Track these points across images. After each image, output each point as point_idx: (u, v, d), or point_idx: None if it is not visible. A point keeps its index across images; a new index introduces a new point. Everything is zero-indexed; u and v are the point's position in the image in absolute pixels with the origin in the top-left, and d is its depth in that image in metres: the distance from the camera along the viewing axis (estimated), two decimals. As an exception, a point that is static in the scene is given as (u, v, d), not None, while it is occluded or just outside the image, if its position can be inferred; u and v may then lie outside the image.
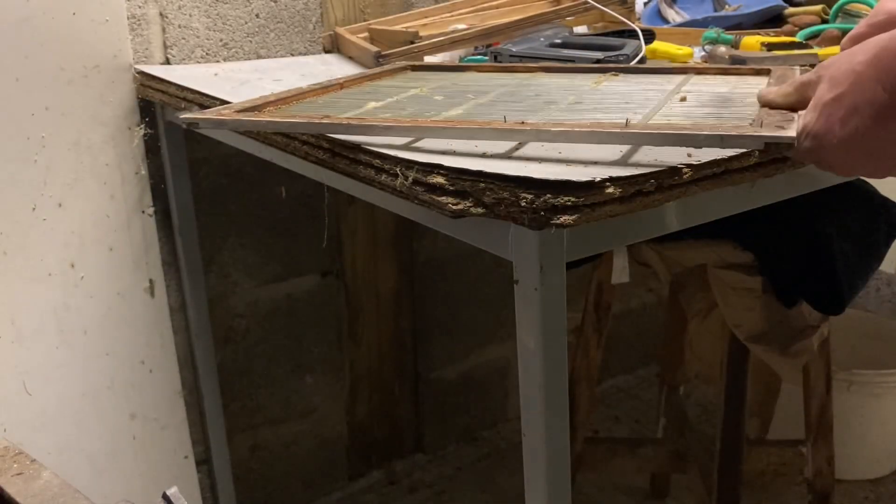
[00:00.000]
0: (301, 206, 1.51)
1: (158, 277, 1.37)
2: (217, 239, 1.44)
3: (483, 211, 0.64)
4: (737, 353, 1.29)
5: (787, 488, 1.72)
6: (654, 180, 0.64)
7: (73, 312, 1.29)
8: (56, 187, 1.23)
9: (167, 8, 1.28)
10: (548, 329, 0.67)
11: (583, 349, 1.45)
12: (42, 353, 1.27)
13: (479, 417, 1.93)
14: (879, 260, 1.28)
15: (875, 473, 1.78)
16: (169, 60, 1.30)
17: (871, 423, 1.72)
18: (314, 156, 0.82)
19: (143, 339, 1.37)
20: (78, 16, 1.20)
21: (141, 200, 1.32)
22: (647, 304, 2.14)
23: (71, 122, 1.23)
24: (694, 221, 0.77)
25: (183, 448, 1.46)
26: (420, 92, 0.94)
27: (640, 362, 2.18)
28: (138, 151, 1.30)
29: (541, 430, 0.70)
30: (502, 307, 1.85)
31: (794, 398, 1.47)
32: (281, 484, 1.65)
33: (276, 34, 1.39)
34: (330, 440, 1.70)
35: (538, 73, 1.06)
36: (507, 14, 1.34)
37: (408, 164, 0.69)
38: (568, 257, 0.67)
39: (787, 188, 0.82)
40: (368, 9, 1.45)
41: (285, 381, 1.60)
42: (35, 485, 1.00)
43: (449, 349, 1.82)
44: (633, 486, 1.75)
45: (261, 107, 0.85)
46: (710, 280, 1.27)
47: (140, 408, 1.39)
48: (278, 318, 1.55)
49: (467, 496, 1.77)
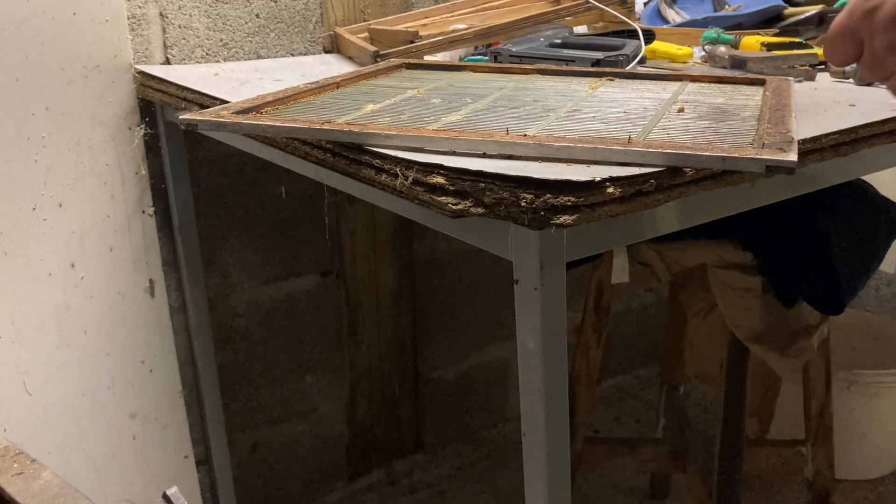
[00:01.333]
0: (301, 206, 1.51)
1: (158, 277, 1.37)
2: (217, 239, 1.44)
3: (483, 211, 0.64)
4: (737, 353, 1.29)
5: (787, 488, 1.72)
6: (654, 180, 0.64)
7: (73, 312, 1.29)
8: (56, 187, 1.24)
9: (167, 8, 1.28)
10: (548, 329, 0.67)
11: (583, 349, 1.45)
12: (42, 353, 1.27)
13: (479, 417, 1.93)
14: (879, 260, 1.28)
15: (875, 473, 1.78)
16: (169, 60, 1.30)
17: (871, 423, 1.72)
18: (314, 156, 0.82)
19: (143, 339, 1.37)
20: (78, 16, 1.20)
21: (141, 200, 1.33)
22: (647, 304, 2.14)
23: (71, 122, 1.23)
24: (694, 221, 0.77)
25: (183, 448, 1.46)
26: (417, 94, 0.94)
27: (640, 362, 2.18)
28: (138, 151, 1.30)
29: (541, 430, 0.70)
30: (502, 307, 1.85)
31: (794, 398, 1.47)
32: (281, 484, 1.66)
33: (277, 34, 1.39)
34: (330, 440, 1.70)
35: (534, 74, 1.06)
36: (507, 14, 1.34)
37: (408, 164, 0.69)
38: (568, 257, 0.67)
39: (787, 188, 0.82)
40: (368, 9, 1.45)
41: (285, 381, 1.60)
42: (35, 485, 1.00)
43: (449, 349, 1.82)
44: (633, 486, 1.75)
45: (259, 107, 0.85)
46: (710, 280, 1.27)
47: (140, 408, 1.39)
48: (278, 318, 1.55)
49: (467, 496, 1.77)
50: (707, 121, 0.81)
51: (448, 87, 0.98)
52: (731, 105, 0.88)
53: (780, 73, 1.07)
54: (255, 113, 0.84)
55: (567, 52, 1.14)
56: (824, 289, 1.21)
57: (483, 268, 1.80)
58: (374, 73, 1.07)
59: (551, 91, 0.96)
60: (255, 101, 0.87)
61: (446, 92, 0.96)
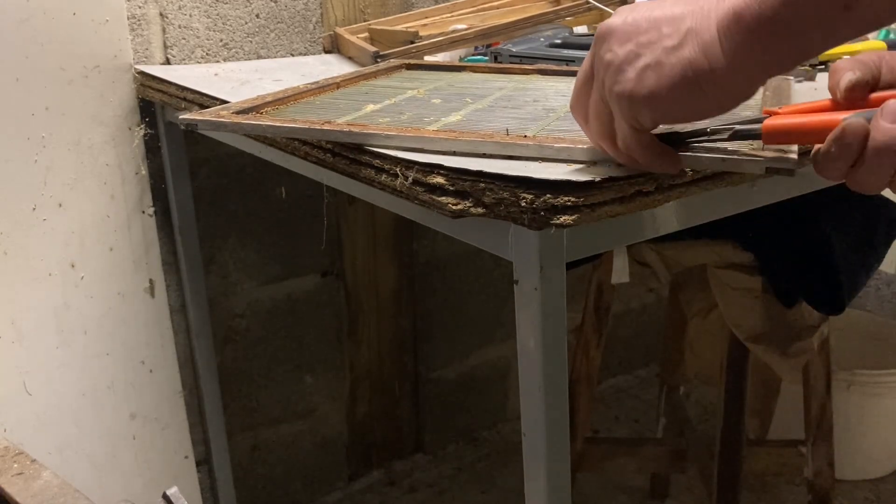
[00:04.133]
0: (301, 206, 1.51)
1: (158, 277, 1.37)
2: (217, 239, 1.44)
3: (483, 211, 0.64)
4: (737, 353, 1.29)
5: (787, 488, 1.72)
6: (654, 180, 0.64)
7: (73, 312, 1.29)
8: (56, 187, 1.23)
9: (167, 8, 1.28)
10: (548, 329, 0.67)
11: (583, 349, 1.45)
12: (42, 353, 1.27)
13: (479, 417, 1.93)
14: (879, 260, 1.28)
15: (875, 473, 1.78)
16: (169, 60, 1.30)
17: (871, 423, 1.72)
18: (314, 156, 0.82)
19: (143, 339, 1.37)
20: (78, 16, 1.20)
21: (141, 200, 1.33)
22: (647, 304, 2.14)
23: (71, 122, 1.23)
24: (694, 221, 0.77)
25: (183, 448, 1.46)
26: (417, 94, 0.94)
27: (640, 362, 2.18)
28: (138, 151, 1.30)
29: (541, 430, 0.70)
30: (502, 307, 1.85)
31: (794, 398, 1.47)
32: (281, 484, 1.66)
33: (277, 34, 1.39)
34: (330, 440, 1.70)
35: (533, 75, 1.06)
36: (507, 14, 1.34)
37: (408, 164, 0.69)
38: (568, 257, 0.67)
39: (787, 188, 0.82)
40: (368, 9, 1.45)
41: (285, 381, 1.60)
42: (35, 485, 1.00)
43: (449, 349, 1.82)
44: (633, 486, 1.75)
45: (259, 107, 0.85)
46: (710, 280, 1.27)
47: (140, 408, 1.39)
48: (278, 318, 1.55)
49: (467, 496, 1.77)
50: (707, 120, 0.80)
51: (448, 88, 0.98)
52: None
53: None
54: (255, 113, 0.84)
55: (567, 52, 1.14)
56: (824, 289, 1.21)
57: (483, 268, 1.80)
58: (374, 73, 1.07)
59: (551, 91, 0.96)
60: (254, 102, 0.87)
61: (446, 92, 0.96)
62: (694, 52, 0.55)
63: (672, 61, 0.55)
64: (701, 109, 0.58)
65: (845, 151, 0.55)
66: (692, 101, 0.56)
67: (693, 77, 0.55)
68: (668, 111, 0.57)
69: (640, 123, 0.59)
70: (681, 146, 0.64)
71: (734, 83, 0.55)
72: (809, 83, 1.07)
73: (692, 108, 0.57)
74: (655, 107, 0.57)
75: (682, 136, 0.65)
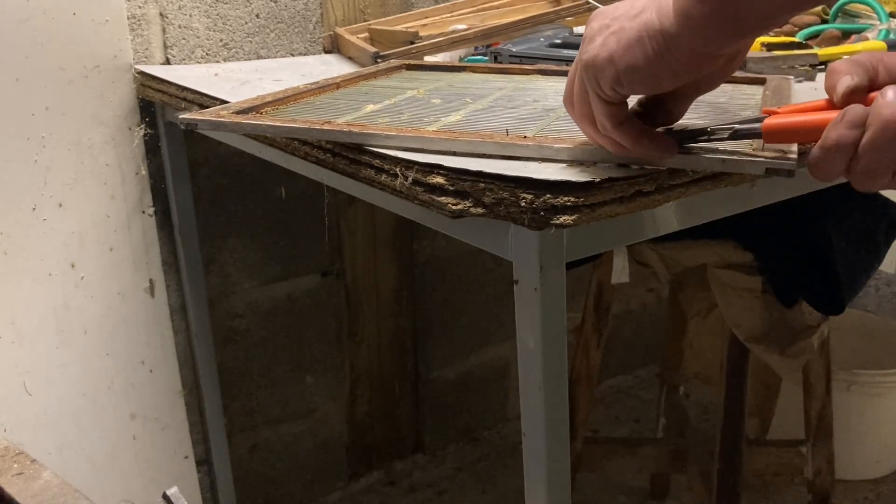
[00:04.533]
0: (301, 206, 1.51)
1: (158, 277, 1.37)
2: (217, 239, 1.44)
3: (483, 211, 0.64)
4: (737, 353, 1.29)
5: (787, 488, 1.72)
6: (654, 180, 0.64)
7: (73, 312, 1.29)
8: (56, 187, 1.24)
9: (167, 8, 1.28)
10: (548, 329, 0.67)
11: (583, 349, 1.45)
12: (42, 353, 1.27)
13: (479, 417, 1.93)
14: (879, 260, 1.28)
15: (875, 473, 1.78)
16: (169, 60, 1.30)
17: (871, 423, 1.72)
18: (314, 156, 0.82)
19: (143, 339, 1.37)
20: (78, 16, 1.20)
21: (141, 200, 1.33)
22: (647, 304, 2.14)
23: (71, 122, 1.23)
24: (694, 221, 0.77)
25: (183, 448, 1.46)
26: (417, 94, 0.94)
27: (640, 362, 2.18)
28: (138, 151, 1.30)
29: (541, 430, 0.70)
30: (502, 307, 1.85)
31: (794, 398, 1.47)
32: (281, 484, 1.66)
33: (277, 34, 1.39)
34: (330, 440, 1.70)
35: (534, 75, 1.06)
36: (507, 14, 1.34)
37: (408, 164, 0.69)
38: (568, 257, 0.67)
39: (787, 188, 0.82)
40: (368, 9, 1.45)
41: (285, 381, 1.60)
42: (35, 485, 1.00)
43: (449, 349, 1.82)
44: (633, 486, 1.75)
45: (259, 107, 0.85)
46: (710, 280, 1.27)
47: (140, 408, 1.39)
48: (278, 318, 1.55)
49: (467, 496, 1.77)
50: (708, 120, 0.81)
51: (448, 88, 0.98)
52: (732, 104, 0.88)
53: (780, 72, 1.07)
54: (255, 113, 0.84)
55: (567, 52, 1.14)
56: (824, 289, 1.21)
57: (483, 268, 1.80)
58: (373, 73, 1.07)
59: (551, 91, 0.96)
60: (254, 102, 0.87)
61: (446, 92, 0.96)
62: (650, 15, 0.58)
63: (632, 24, 0.58)
64: (654, 73, 0.59)
65: (844, 138, 0.56)
66: (646, 63, 0.58)
67: (647, 37, 0.58)
68: (624, 74, 0.59)
69: (602, 90, 0.60)
70: (681, 147, 0.64)
71: (682, 48, 0.57)
72: (809, 83, 1.07)
73: (646, 70, 0.59)
74: (614, 69, 0.59)
75: (681, 136, 0.65)
